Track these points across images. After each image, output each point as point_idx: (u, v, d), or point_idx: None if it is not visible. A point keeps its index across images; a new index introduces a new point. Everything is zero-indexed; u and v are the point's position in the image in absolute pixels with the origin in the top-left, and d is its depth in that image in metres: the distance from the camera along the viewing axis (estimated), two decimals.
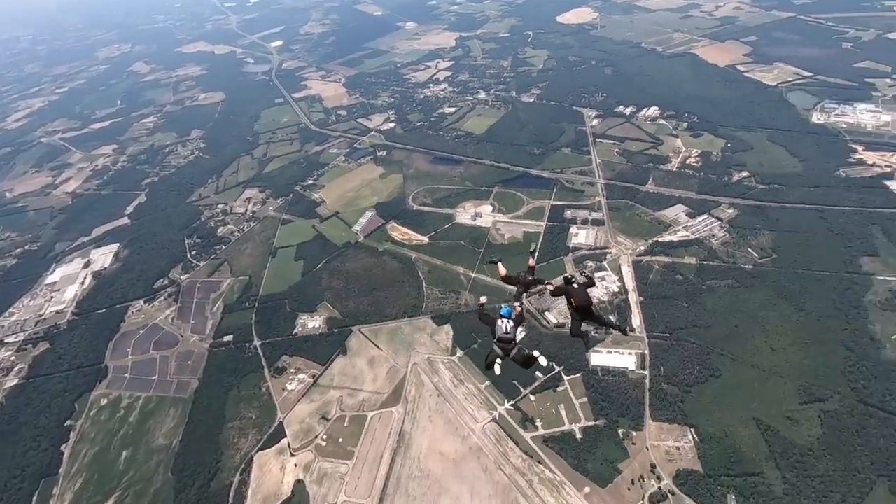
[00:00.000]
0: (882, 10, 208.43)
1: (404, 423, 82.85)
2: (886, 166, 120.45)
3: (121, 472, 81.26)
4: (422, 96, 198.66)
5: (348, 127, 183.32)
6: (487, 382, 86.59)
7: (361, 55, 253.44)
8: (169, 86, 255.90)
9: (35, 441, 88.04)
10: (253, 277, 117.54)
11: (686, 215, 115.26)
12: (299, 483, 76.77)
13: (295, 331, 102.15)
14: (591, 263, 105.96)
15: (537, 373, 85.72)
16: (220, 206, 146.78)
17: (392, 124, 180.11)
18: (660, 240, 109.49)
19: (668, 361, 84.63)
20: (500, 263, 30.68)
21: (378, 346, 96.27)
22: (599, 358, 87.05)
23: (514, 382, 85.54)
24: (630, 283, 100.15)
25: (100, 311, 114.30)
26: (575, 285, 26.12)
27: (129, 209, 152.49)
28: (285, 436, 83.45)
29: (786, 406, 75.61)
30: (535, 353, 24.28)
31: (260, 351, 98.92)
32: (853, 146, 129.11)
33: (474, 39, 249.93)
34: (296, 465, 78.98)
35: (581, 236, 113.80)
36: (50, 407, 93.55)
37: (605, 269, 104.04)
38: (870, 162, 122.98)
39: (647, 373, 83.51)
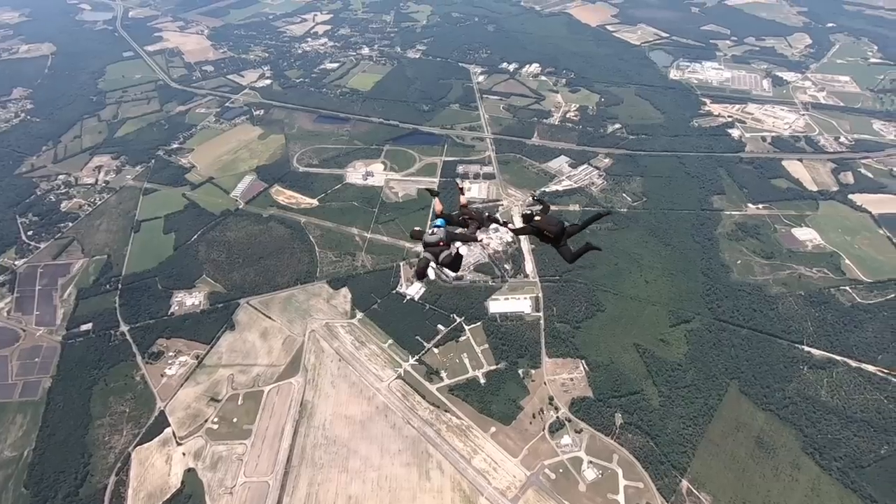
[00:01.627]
0: None
1: (305, 392, 78.59)
2: (728, 116, 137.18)
3: None
4: (300, 51, 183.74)
5: (217, 84, 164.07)
6: (391, 341, 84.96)
7: (226, 5, 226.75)
8: None
9: None
10: (112, 256, 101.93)
11: (569, 166, 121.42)
12: (190, 472, 69.82)
13: (171, 310, 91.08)
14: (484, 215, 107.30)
15: (439, 325, 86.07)
16: (61, 177, 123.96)
17: (268, 81, 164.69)
18: (547, 190, 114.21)
19: (560, 302, 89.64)
20: (437, 198, 25.70)
21: (270, 317, 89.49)
22: (498, 305, 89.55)
23: (417, 338, 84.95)
24: None
25: None
26: (537, 218, 23.23)
27: None
28: (169, 425, 74.93)
29: (659, 330, 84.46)
30: (461, 250, 22.51)
31: (129, 336, 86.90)
32: (703, 99, 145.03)
33: None
34: (184, 454, 71.52)
35: (474, 190, 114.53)
36: None
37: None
38: (716, 113, 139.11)
39: (541, 314, 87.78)
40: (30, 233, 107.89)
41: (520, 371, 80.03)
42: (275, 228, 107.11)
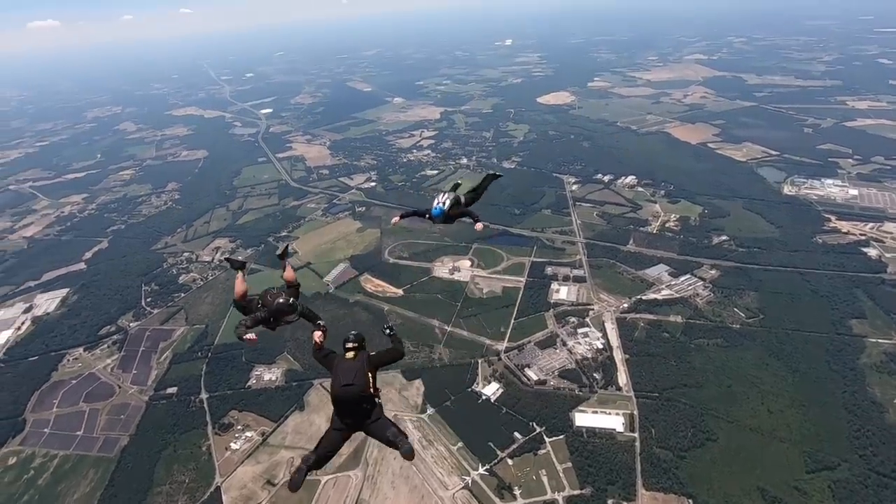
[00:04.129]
0: (835, 104, 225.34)
1: (362, 489, 71.50)
2: (861, 234, 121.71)
3: None
4: (405, 160, 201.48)
5: (329, 185, 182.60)
6: (460, 444, 76.70)
7: (348, 123, 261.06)
8: (153, 143, 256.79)
9: None
10: (210, 326, 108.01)
11: (669, 275, 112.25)
12: None
13: (248, 383, 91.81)
14: (573, 319, 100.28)
15: (515, 433, 76.68)
16: (185, 254, 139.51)
17: (373, 183, 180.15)
18: (644, 298, 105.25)
19: (659, 423, 76.70)
20: (240, 273, 20.78)
21: None
22: (585, 418, 78.69)
23: (490, 444, 75.95)
24: (615, 341, 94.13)
25: (31, 359, 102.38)
26: (329, 352, 17.00)
27: (88, 255, 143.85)
28: None
29: (792, 475, 67.57)
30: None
31: (206, 405, 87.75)
32: (826, 216, 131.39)
33: (458, 114, 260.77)
34: None
35: (563, 292, 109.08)
36: None
37: (587, 326, 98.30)
38: (844, 230, 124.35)
39: (636, 435, 75.15)
40: (148, 299, 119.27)
41: (609, 501, 66.78)
42: (358, 313, 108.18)
